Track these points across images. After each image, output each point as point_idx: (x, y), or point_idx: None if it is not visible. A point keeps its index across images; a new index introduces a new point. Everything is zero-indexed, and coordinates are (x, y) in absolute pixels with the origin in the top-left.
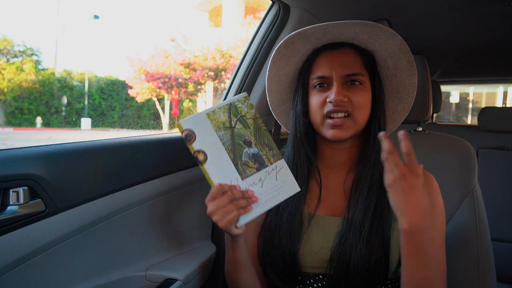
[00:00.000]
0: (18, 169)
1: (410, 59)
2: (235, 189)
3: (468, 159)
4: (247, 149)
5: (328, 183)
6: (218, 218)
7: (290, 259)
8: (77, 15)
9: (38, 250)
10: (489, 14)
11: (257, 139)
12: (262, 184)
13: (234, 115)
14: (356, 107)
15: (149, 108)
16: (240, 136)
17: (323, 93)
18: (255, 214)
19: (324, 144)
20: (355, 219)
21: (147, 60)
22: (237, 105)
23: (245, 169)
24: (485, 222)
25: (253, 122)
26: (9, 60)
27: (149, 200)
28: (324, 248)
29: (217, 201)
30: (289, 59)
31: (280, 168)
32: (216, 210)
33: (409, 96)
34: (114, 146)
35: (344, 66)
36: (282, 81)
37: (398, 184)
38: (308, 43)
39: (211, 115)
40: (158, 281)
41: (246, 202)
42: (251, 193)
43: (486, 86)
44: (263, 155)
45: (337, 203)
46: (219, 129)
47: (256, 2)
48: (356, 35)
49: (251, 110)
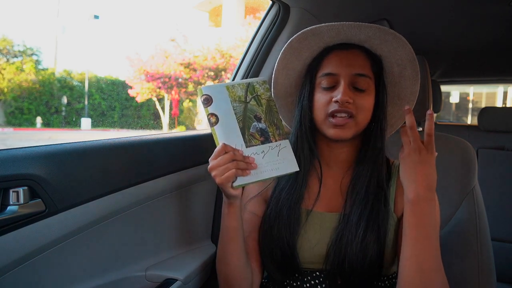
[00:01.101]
0: (18, 169)
1: (416, 68)
2: (237, 151)
3: (468, 159)
4: (256, 123)
5: (326, 180)
6: (217, 173)
7: (288, 251)
8: (77, 15)
9: (38, 250)
10: (489, 14)
11: (267, 117)
12: (264, 156)
13: (250, 92)
14: (359, 109)
15: (149, 108)
16: (252, 111)
17: (329, 93)
18: (252, 179)
19: (323, 142)
20: (351, 217)
21: (147, 60)
22: (255, 86)
23: (251, 139)
24: (485, 222)
25: (266, 103)
26: (9, 60)
27: (149, 200)
28: (320, 243)
29: (218, 159)
30: (300, 54)
31: (284, 147)
32: (216, 166)
33: (409, 103)
34: (114, 146)
35: (353, 66)
36: (289, 75)
37: (412, 156)
38: (321, 40)
39: (230, 88)
40: (158, 281)
41: (246, 165)
42: (251, 160)
43: (486, 86)
44: (270, 131)
45: (335, 199)
46: (234, 101)
47: (256, 2)
48: (369, 38)
49: (267, 92)
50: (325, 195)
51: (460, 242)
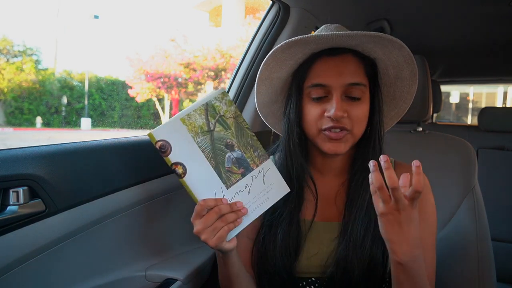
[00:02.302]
0: (18, 169)
1: (413, 69)
2: (221, 203)
3: (468, 159)
4: (230, 154)
5: (321, 189)
6: (207, 236)
7: (285, 274)
8: (77, 15)
9: (38, 250)
10: (489, 14)
11: (239, 141)
12: (249, 191)
13: (212, 116)
14: (354, 122)
15: (149, 108)
16: (221, 140)
17: (320, 105)
18: (244, 224)
19: (316, 151)
20: (354, 226)
21: (147, 60)
22: (215, 104)
23: (230, 176)
24: (485, 222)
25: (234, 122)
26: (9, 60)
27: (149, 200)
28: (319, 254)
29: (203, 219)
30: (284, 63)
31: (267, 170)
32: (203, 228)
33: (405, 103)
34: (114, 146)
35: (345, 75)
36: (274, 84)
37: (396, 216)
38: (306, 48)
39: (186, 120)
40: (158, 281)
41: (235, 216)
42: (239, 205)
43: (486, 86)
44: (247, 157)
45: (331, 208)
46: (196, 135)
47: (256, 2)
48: (361, 42)
49: (230, 107)
50: (321, 204)
51: (460, 242)
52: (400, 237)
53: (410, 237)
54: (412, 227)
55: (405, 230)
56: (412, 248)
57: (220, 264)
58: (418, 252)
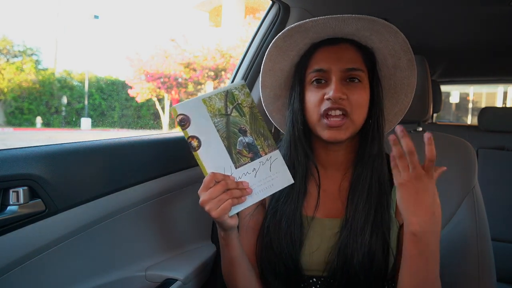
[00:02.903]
0: (18, 169)
1: (411, 58)
2: (229, 179)
3: (468, 159)
4: (242, 138)
5: (324, 183)
6: (212, 207)
7: (291, 263)
8: (77, 15)
9: (38, 250)
10: (489, 14)
11: (252, 128)
12: (256, 174)
13: (230, 102)
14: (354, 106)
15: (149, 108)
16: (236, 124)
17: (321, 90)
18: (247, 204)
19: (319, 144)
20: (355, 222)
21: (147, 60)
22: (234, 93)
23: (239, 157)
24: (485, 222)
25: (249, 111)
26: (9, 60)
27: (149, 200)
28: (320, 250)
29: (210, 190)
30: (286, 53)
31: (275, 159)
32: (209, 199)
33: (407, 97)
34: (114, 146)
35: (344, 60)
36: (277, 76)
37: (414, 183)
38: (306, 37)
39: (207, 101)
40: (158, 281)
41: (240, 193)
42: (245, 184)
43: (486, 86)
44: (257, 144)
45: (334, 204)
46: (214, 116)
47: (256, 2)
48: (357, 31)
49: (247, 98)
50: (324, 199)
51: (460, 242)
52: (417, 207)
53: (427, 207)
54: (428, 197)
55: (422, 199)
56: (430, 221)
57: (222, 247)
58: (435, 226)
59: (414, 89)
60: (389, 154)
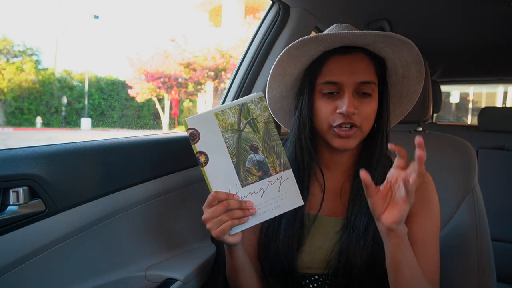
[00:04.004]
0: (18, 169)
1: (421, 69)
2: (232, 198)
3: (468, 159)
4: (253, 155)
5: (327, 183)
6: (211, 226)
7: (287, 265)
8: (77, 15)
9: (38, 250)
10: (489, 14)
11: (265, 145)
12: (263, 194)
13: (244, 117)
14: (364, 119)
15: (149, 108)
16: (247, 141)
17: (332, 102)
18: (250, 224)
19: (324, 146)
20: (357, 222)
21: (147, 60)
22: (250, 107)
23: (247, 176)
24: (485, 222)
25: (264, 126)
26: (9, 60)
27: (149, 200)
28: (322, 248)
29: (212, 209)
30: (297, 60)
31: (286, 179)
32: (210, 217)
33: (410, 101)
34: (114, 146)
35: (357, 73)
36: (286, 80)
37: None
38: (320, 45)
39: (220, 115)
40: (158, 281)
41: (242, 213)
42: (249, 205)
43: (486, 86)
44: (269, 163)
45: (335, 203)
46: (225, 131)
47: (256, 2)
48: (374, 42)
49: (264, 113)
50: (327, 199)
51: (460, 242)
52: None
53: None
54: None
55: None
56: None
57: (227, 254)
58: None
59: (419, 95)
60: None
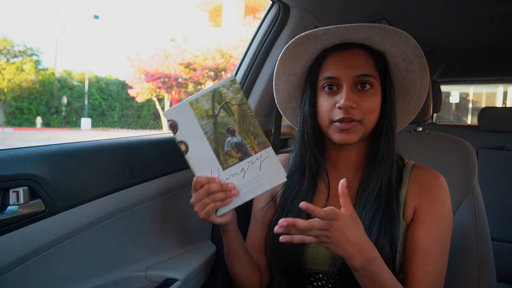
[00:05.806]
0: (18, 169)
1: (423, 61)
2: (213, 182)
3: (468, 159)
4: (230, 138)
5: (333, 181)
6: (197, 209)
7: (293, 260)
8: (77, 15)
9: (38, 250)
10: (489, 14)
11: (241, 127)
12: (244, 175)
13: (218, 102)
14: (365, 113)
15: (149, 108)
16: (223, 125)
17: (332, 97)
18: (235, 204)
19: (330, 144)
20: (362, 220)
21: (147, 60)
22: (222, 91)
23: (227, 159)
24: (485, 222)
25: (239, 109)
26: (9, 60)
27: (149, 200)
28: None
29: (196, 193)
30: (298, 59)
31: (266, 157)
32: (195, 201)
33: (419, 97)
34: (114, 146)
35: (355, 67)
36: (290, 80)
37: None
38: (317, 43)
39: (194, 104)
40: (158, 281)
41: (224, 195)
42: (231, 186)
43: (486, 86)
44: (247, 143)
45: None
46: (201, 118)
47: (256, 2)
48: (368, 36)
49: (237, 95)
50: (333, 197)
51: (460, 242)
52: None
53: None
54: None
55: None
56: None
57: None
58: (367, 253)
59: (427, 91)
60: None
